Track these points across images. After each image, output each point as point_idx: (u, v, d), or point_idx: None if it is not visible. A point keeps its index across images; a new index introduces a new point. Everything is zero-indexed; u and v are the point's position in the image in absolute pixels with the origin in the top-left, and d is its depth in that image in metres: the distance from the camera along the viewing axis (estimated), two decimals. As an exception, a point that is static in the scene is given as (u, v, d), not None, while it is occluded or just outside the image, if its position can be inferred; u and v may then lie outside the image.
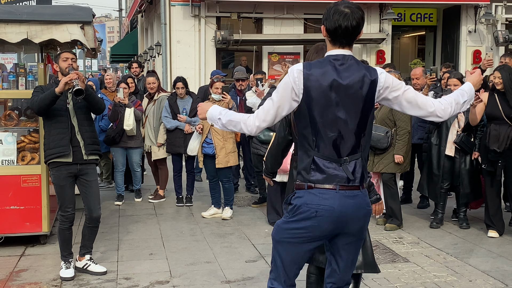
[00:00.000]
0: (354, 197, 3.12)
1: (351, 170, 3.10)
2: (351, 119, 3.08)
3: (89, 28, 6.30)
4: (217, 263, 5.81)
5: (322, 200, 3.08)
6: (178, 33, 14.89)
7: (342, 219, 3.10)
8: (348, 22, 3.03)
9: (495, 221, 6.74)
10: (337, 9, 3.05)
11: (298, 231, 3.15)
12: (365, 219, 3.20)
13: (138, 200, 8.70)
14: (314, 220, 3.10)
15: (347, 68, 3.07)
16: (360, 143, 3.12)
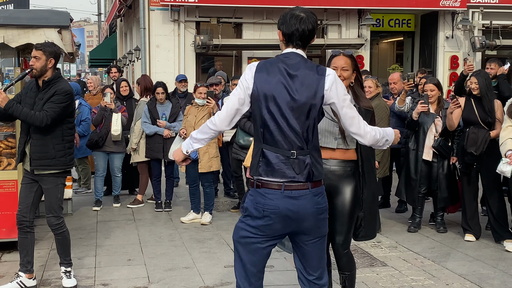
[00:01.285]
0: (300, 197, 3.20)
1: (298, 165, 3.18)
2: (297, 114, 3.18)
3: (67, 32, 6.27)
4: (195, 268, 5.79)
5: (268, 201, 3.20)
6: (157, 37, 14.83)
7: (289, 218, 3.21)
8: (305, 26, 3.22)
9: (472, 225, 6.82)
10: (293, 14, 3.25)
11: (251, 230, 3.26)
12: (317, 218, 3.25)
13: (116, 206, 8.65)
14: (263, 220, 3.22)
15: (295, 66, 3.22)
16: (308, 138, 3.20)
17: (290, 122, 3.18)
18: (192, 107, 7.64)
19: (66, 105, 5.06)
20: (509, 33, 16.49)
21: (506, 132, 6.25)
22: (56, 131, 5.07)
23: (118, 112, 8.37)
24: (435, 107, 7.05)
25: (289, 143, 3.19)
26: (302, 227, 3.25)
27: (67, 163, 5.18)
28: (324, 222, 3.33)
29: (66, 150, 5.16)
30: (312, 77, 3.20)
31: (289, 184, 3.19)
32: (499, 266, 5.87)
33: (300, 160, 3.18)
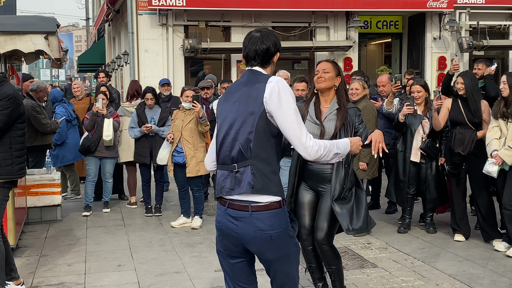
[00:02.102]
0: (239, 219, 3.10)
1: (236, 179, 3.09)
2: (241, 125, 3.11)
3: (54, 38, 6.25)
4: (186, 273, 5.78)
5: (217, 216, 3.24)
6: (146, 42, 14.82)
7: (232, 237, 3.16)
8: (257, 46, 3.20)
9: (461, 225, 6.85)
10: (249, 35, 3.27)
11: (217, 245, 3.30)
12: (260, 243, 3.09)
13: (106, 211, 8.61)
14: (217, 234, 3.26)
15: (244, 79, 3.23)
16: (249, 149, 3.07)
17: (233, 134, 3.12)
18: (179, 111, 7.62)
19: (11, 110, 4.82)
20: (496, 34, 16.61)
21: (492, 132, 6.29)
22: (3, 138, 4.83)
23: (110, 117, 8.41)
24: (422, 108, 7.08)
25: (233, 157, 3.12)
26: (249, 248, 3.17)
27: (13, 173, 4.90)
28: (274, 250, 3.13)
29: (14, 158, 4.89)
30: (255, 85, 3.14)
31: (232, 203, 3.12)
32: (488, 266, 5.89)
33: (240, 172, 3.09)
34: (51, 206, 8.05)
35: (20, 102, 4.94)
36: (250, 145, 3.07)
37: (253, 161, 3.06)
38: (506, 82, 6.16)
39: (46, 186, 7.98)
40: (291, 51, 15.82)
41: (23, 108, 5.01)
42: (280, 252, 3.15)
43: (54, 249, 6.70)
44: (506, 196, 6.20)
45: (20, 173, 5.00)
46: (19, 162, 4.94)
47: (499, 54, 17.28)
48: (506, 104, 6.18)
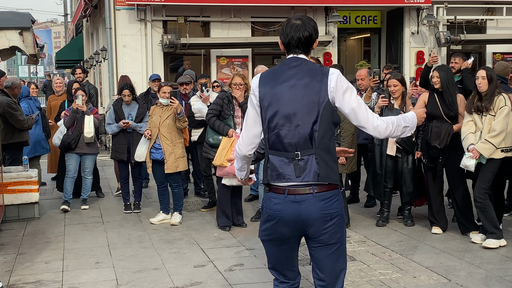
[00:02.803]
0: (302, 202, 3.15)
1: (301, 167, 3.15)
2: (303, 115, 3.16)
3: (28, 34, 6.19)
4: (165, 269, 5.77)
5: (273, 205, 3.22)
6: (124, 37, 14.72)
7: (293, 223, 3.19)
8: (300, 33, 3.23)
9: (439, 218, 6.91)
10: (289, 22, 3.28)
11: (265, 232, 3.32)
12: (321, 225, 3.17)
13: (85, 208, 8.56)
14: (271, 223, 3.25)
15: (297, 67, 3.23)
16: (313, 138, 3.15)
17: (294, 123, 3.17)
18: (157, 107, 7.57)
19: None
20: (473, 28, 16.77)
21: (467, 127, 6.35)
22: None
23: (90, 114, 8.36)
24: (399, 102, 7.13)
25: (293, 145, 3.17)
26: (307, 232, 3.23)
27: None
28: (332, 231, 3.20)
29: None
30: (315, 76, 3.20)
31: (293, 188, 3.17)
32: (465, 258, 5.95)
33: (304, 161, 3.15)
34: (29, 204, 7.98)
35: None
36: (314, 135, 3.15)
37: (317, 150, 3.14)
38: (485, 77, 6.21)
39: (23, 183, 7.91)
40: (270, 46, 15.81)
41: None
42: (336, 235, 3.23)
43: (32, 247, 6.64)
44: (477, 189, 6.27)
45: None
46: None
47: (476, 48, 17.44)
48: (480, 98, 6.24)
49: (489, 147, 6.11)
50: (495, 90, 6.18)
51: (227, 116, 7.26)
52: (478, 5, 16.52)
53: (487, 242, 6.24)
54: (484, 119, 6.21)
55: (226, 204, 7.23)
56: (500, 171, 6.26)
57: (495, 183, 6.49)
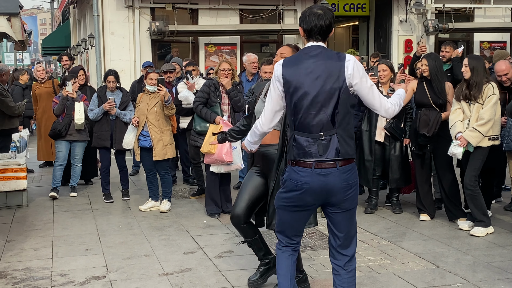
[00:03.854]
0: (328, 175, 3.55)
1: (324, 146, 3.52)
2: (323, 99, 3.51)
3: (16, 20, 6.15)
4: (155, 256, 5.78)
5: (301, 178, 3.58)
6: (112, 24, 14.62)
7: (318, 192, 3.58)
8: (322, 22, 3.56)
9: (426, 205, 6.96)
10: (312, 11, 3.60)
11: (287, 200, 3.70)
12: (344, 193, 3.59)
13: (73, 195, 8.54)
14: (296, 193, 3.63)
15: (318, 55, 3.56)
16: (334, 120, 3.51)
17: (317, 107, 3.51)
18: (144, 94, 7.54)
19: None
20: (461, 16, 16.82)
21: (455, 115, 6.38)
22: None
23: (80, 101, 8.29)
24: (387, 88, 7.16)
25: (317, 126, 3.52)
26: (330, 200, 3.62)
27: None
28: (352, 197, 3.63)
29: None
30: (334, 64, 3.52)
31: (319, 163, 3.54)
32: (453, 244, 6.02)
33: (327, 140, 3.52)
34: (17, 191, 7.94)
35: None
36: (336, 117, 3.51)
37: (338, 130, 3.52)
38: (467, 65, 6.24)
39: (11, 171, 7.87)
40: (259, 34, 15.80)
41: None
42: (354, 202, 3.68)
43: (20, 234, 6.63)
44: (467, 176, 6.32)
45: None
46: None
47: (464, 36, 17.50)
48: (468, 86, 6.27)
49: (476, 135, 6.16)
50: (483, 78, 6.21)
51: (214, 104, 7.26)
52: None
53: (474, 231, 6.30)
54: (472, 107, 6.25)
55: (214, 191, 7.25)
56: (488, 159, 6.32)
57: (486, 171, 6.54)
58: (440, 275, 5.15)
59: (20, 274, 5.31)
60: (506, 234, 6.35)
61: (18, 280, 5.17)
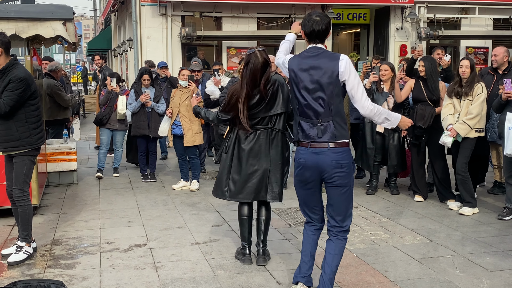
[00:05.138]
0: (321, 153, 3.64)
1: (322, 130, 3.62)
2: (321, 92, 3.60)
3: (70, 24, 6.15)
4: (187, 228, 5.80)
5: (300, 155, 3.74)
6: (148, 29, 14.64)
7: (312, 168, 3.69)
8: (319, 27, 3.64)
9: (420, 187, 6.92)
10: (310, 17, 3.69)
11: (296, 177, 3.84)
12: (332, 170, 3.63)
13: (116, 175, 8.58)
14: (299, 169, 3.78)
15: (317, 55, 3.65)
16: (330, 109, 3.60)
17: (316, 98, 3.61)
18: (177, 90, 7.57)
19: (22, 90, 4.63)
20: (450, 25, 16.64)
21: (447, 109, 6.33)
22: (18, 114, 4.69)
23: (123, 95, 8.33)
24: (388, 86, 7.11)
25: (316, 114, 3.63)
26: (323, 176, 3.69)
27: (32, 143, 4.80)
28: (343, 176, 3.64)
29: (31, 130, 4.78)
30: (330, 62, 3.60)
31: (314, 143, 3.66)
32: (444, 222, 5.98)
33: (324, 125, 3.62)
34: (68, 171, 8.00)
35: (30, 82, 4.73)
36: (331, 106, 3.60)
37: (333, 117, 3.62)
38: (468, 66, 6.17)
39: (64, 154, 7.93)
40: (273, 39, 15.69)
41: (34, 87, 4.80)
42: (346, 181, 3.68)
43: (72, 208, 6.68)
44: (459, 163, 6.27)
45: (39, 142, 4.89)
46: (37, 133, 4.83)
47: (452, 42, 17.32)
48: (461, 84, 6.21)
49: (465, 128, 6.10)
50: (475, 77, 6.15)
51: None
52: (454, 5, 16.39)
53: (463, 210, 6.26)
54: (463, 103, 6.19)
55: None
56: (475, 148, 6.27)
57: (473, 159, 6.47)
58: (434, 248, 5.12)
59: (73, 242, 5.35)
60: (489, 213, 6.30)
61: (71, 246, 5.21)
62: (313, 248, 3.95)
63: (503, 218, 6.02)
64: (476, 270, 4.55)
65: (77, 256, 4.94)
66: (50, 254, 5.01)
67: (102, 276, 4.47)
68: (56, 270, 4.59)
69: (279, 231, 5.62)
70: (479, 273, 4.50)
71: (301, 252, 3.99)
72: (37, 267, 4.69)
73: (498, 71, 6.88)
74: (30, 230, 4.94)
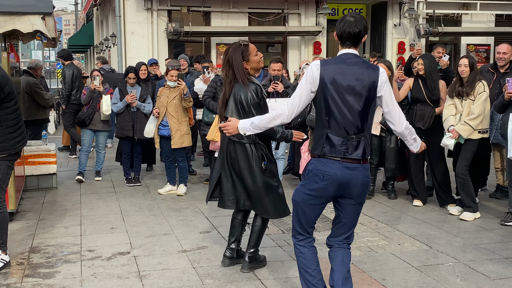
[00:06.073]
0: (354, 169, 3.48)
1: (354, 145, 3.46)
2: (357, 105, 3.43)
3: (50, 18, 6.11)
4: (173, 234, 5.78)
5: (328, 168, 3.48)
6: (132, 25, 14.59)
7: (343, 185, 3.50)
8: (351, 29, 3.44)
9: (419, 192, 6.94)
10: (343, 18, 3.51)
11: (310, 192, 3.57)
12: (363, 188, 3.54)
13: (98, 179, 8.54)
14: (321, 183, 3.51)
15: (353, 64, 3.46)
16: (363, 124, 3.47)
17: (350, 111, 3.42)
18: (164, 88, 7.54)
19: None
20: (450, 21, 16.74)
21: (448, 109, 6.36)
22: None
23: (107, 94, 8.29)
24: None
25: (350, 128, 3.45)
26: (350, 193, 3.54)
27: (8, 148, 4.69)
28: (365, 193, 3.60)
29: (7, 135, 4.66)
30: (368, 73, 3.45)
31: (345, 158, 3.47)
32: (444, 228, 6.00)
33: (357, 141, 3.47)
34: (47, 175, 7.95)
35: (3, 84, 4.57)
36: (366, 121, 3.48)
37: (365, 133, 3.50)
38: (467, 65, 6.20)
39: (42, 156, 7.88)
40: (265, 35, 15.76)
41: (9, 88, 4.65)
42: (365, 198, 3.65)
43: (52, 214, 6.63)
44: (459, 166, 6.30)
45: (17, 146, 4.78)
46: (14, 137, 4.73)
47: (452, 39, 17.41)
48: (462, 84, 6.24)
49: (467, 129, 6.13)
50: (476, 76, 6.19)
51: None
52: (455, 0, 16.49)
53: (464, 215, 6.29)
54: (464, 103, 6.22)
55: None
56: (477, 151, 6.30)
57: (474, 162, 6.50)
58: (433, 255, 5.14)
59: (52, 249, 5.31)
60: (492, 219, 6.33)
61: (51, 254, 5.17)
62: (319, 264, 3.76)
63: (506, 223, 6.06)
64: (478, 278, 4.57)
65: (56, 265, 4.90)
66: (28, 262, 4.97)
67: (83, 285, 4.44)
68: (34, 280, 4.56)
69: (271, 238, 5.61)
70: (481, 281, 4.52)
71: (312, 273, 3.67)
72: (14, 276, 4.65)
73: (498, 69, 6.93)
74: (6, 237, 4.90)
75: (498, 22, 16.93)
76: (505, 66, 6.90)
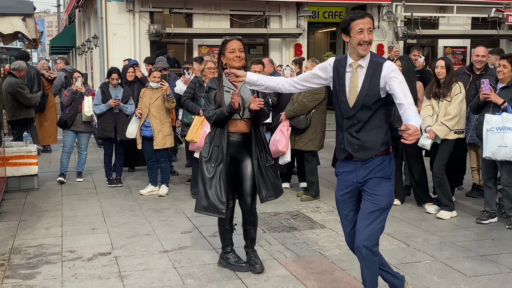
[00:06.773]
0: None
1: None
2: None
3: (31, 20, 6.06)
4: (155, 235, 5.74)
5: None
6: (114, 26, 14.51)
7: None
8: None
9: (397, 191, 6.96)
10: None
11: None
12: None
13: (79, 180, 8.46)
14: None
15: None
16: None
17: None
18: (147, 89, 7.50)
19: None
20: (427, 24, 16.91)
21: (425, 110, 6.41)
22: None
23: (88, 95, 8.22)
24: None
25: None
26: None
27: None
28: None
29: None
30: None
31: None
32: (421, 226, 6.05)
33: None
34: (29, 176, 7.86)
35: None
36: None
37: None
38: (444, 67, 6.26)
39: (23, 157, 7.78)
40: (247, 37, 15.74)
41: None
42: None
43: (33, 215, 6.55)
44: (436, 165, 6.35)
45: None
46: None
47: (429, 42, 17.59)
48: (438, 85, 6.30)
49: (444, 129, 6.19)
50: (453, 78, 6.24)
51: (199, 98, 7.25)
52: (432, 3, 16.66)
53: (441, 214, 6.34)
54: (441, 104, 6.27)
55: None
56: (454, 150, 6.36)
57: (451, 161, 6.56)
58: (411, 253, 5.17)
59: (33, 250, 5.25)
60: (468, 217, 6.39)
61: (32, 255, 5.11)
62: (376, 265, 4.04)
63: (482, 221, 6.12)
64: (455, 276, 4.61)
65: (37, 266, 4.84)
66: (8, 263, 4.90)
67: (64, 286, 4.39)
68: (15, 281, 4.50)
69: (251, 237, 5.60)
70: (457, 278, 4.55)
71: None
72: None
73: (474, 71, 7.00)
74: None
75: (474, 25, 17.15)
76: (481, 68, 6.98)
